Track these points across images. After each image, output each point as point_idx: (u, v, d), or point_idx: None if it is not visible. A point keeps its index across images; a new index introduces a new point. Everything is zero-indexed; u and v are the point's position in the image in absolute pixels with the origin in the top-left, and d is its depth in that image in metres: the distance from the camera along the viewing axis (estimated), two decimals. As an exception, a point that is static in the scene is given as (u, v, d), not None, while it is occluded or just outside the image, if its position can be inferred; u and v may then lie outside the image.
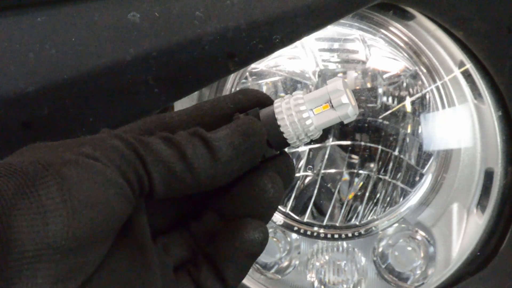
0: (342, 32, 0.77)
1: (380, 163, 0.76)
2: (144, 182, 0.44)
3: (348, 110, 0.49)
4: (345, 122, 0.50)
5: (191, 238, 0.51)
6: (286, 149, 0.52)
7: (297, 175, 0.77)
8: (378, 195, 0.77)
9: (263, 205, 0.48)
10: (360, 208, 0.78)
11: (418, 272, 0.81)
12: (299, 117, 0.49)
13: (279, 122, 0.49)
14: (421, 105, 0.77)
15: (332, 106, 0.49)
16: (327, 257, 0.81)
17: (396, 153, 0.76)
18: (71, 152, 0.42)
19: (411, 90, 0.77)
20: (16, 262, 0.38)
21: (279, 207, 0.78)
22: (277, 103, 0.50)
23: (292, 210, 0.78)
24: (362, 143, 0.75)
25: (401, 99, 0.76)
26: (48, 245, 0.38)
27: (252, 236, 0.47)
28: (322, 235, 0.79)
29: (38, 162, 0.40)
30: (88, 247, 0.41)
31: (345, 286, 0.81)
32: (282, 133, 0.49)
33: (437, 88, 0.77)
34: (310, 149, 0.76)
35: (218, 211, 0.50)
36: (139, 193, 0.44)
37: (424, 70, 0.77)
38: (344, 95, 0.49)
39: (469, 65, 0.76)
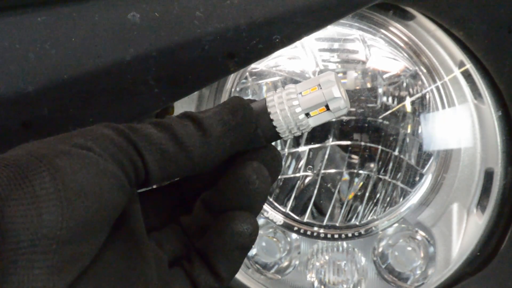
0: (342, 32, 0.76)
1: (380, 163, 0.76)
2: (139, 168, 0.44)
3: (333, 88, 0.49)
4: (331, 106, 0.49)
5: (183, 233, 0.51)
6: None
7: (297, 175, 0.77)
8: (378, 195, 0.77)
9: (249, 197, 0.48)
10: (360, 208, 0.78)
11: (418, 272, 0.81)
12: (291, 110, 0.49)
13: (271, 116, 0.49)
14: (421, 105, 0.77)
15: (320, 87, 0.49)
16: (327, 257, 0.81)
17: (396, 153, 0.76)
18: (64, 144, 0.42)
19: (411, 90, 0.77)
20: (12, 252, 0.38)
21: (279, 207, 0.78)
22: (269, 96, 0.50)
23: (292, 210, 0.78)
24: (362, 143, 0.75)
25: (401, 99, 0.76)
26: (43, 235, 0.38)
27: (241, 229, 0.48)
28: (322, 235, 0.79)
29: (31, 154, 0.41)
30: (84, 237, 0.41)
31: (345, 286, 0.81)
32: (275, 126, 0.49)
33: (437, 88, 0.77)
34: (310, 149, 0.76)
35: (207, 205, 0.51)
36: (135, 180, 0.44)
37: (424, 70, 0.77)
38: (332, 75, 0.49)
39: (469, 65, 0.76)
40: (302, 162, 0.76)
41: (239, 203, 0.48)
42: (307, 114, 0.49)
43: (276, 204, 0.78)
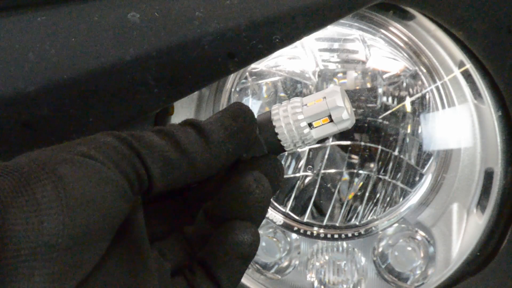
0: (342, 32, 0.76)
1: (380, 163, 0.76)
2: (142, 176, 0.44)
3: (336, 97, 0.49)
4: (334, 115, 0.49)
5: (186, 242, 0.51)
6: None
7: (297, 175, 0.77)
8: (378, 195, 0.77)
9: (250, 206, 0.48)
10: (360, 208, 0.78)
11: (418, 272, 0.81)
12: (294, 118, 0.49)
13: (275, 125, 0.49)
14: (421, 105, 0.77)
15: (324, 98, 0.49)
16: (327, 257, 0.81)
17: (396, 153, 0.76)
18: (67, 152, 0.42)
19: (411, 90, 0.77)
20: (12, 260, 0.38)
21: (279, 207, 0.78)
22: (274, 109, 0.50)
23: (292, 210, 0.78)
24: (362, 143, 0.75)
25: (401, 99, 0.76)
26: (44, 243, 0.38)
27: (242, 238, 0.47)
28: (322, 235, 0.79)
29: (33, 162, 0.40)
30: (85, 246, 0.41)
31: (345, 286, 0.81)
32: (278, 137, 0.49)
33: (437, 88, 0.77)
34: (310, 149, 0.76)
35: (209, 215, 0.50)
36: (138, 188, 0.44)
37: (424, 70, 0.77)
38: (338, 87, 0.49)
39: (469, 65, 0.76)
40: (302, 162, 0.76)
41: (240, 212, 0.48)
42: (310, 125, 0.49)
43: (276, 204, 0.78)
